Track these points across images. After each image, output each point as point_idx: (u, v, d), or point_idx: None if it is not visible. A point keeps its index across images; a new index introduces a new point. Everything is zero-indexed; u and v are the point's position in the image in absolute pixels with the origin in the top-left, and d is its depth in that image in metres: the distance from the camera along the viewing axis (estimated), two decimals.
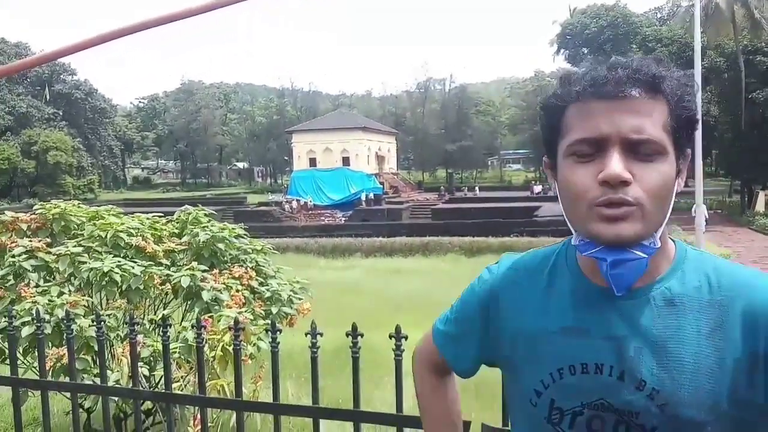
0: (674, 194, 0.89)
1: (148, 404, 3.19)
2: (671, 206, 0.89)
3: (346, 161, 44.76)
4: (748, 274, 0.91)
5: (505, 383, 1.08)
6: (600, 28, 39.74)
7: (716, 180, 42.95)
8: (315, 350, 1.82)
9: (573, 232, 0.92)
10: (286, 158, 61.69)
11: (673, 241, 0.96)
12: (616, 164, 0.82)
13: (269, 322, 3.60)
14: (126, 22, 1.15)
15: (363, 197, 38.25)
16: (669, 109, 0.86)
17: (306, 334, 1.84)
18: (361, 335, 1.78)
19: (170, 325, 2.10)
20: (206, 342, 2.23)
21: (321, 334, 1.84)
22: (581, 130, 0.86)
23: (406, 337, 1.74)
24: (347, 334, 1.77)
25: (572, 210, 0.89)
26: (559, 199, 0.94)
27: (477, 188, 45.78)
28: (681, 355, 0.86)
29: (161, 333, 2.07)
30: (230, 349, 2.84)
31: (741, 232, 23.01)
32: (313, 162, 45.70)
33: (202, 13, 1.14)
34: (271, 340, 1.92)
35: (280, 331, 1.93)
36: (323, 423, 1.93)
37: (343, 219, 32.86)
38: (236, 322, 1.98)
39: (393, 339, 1.72)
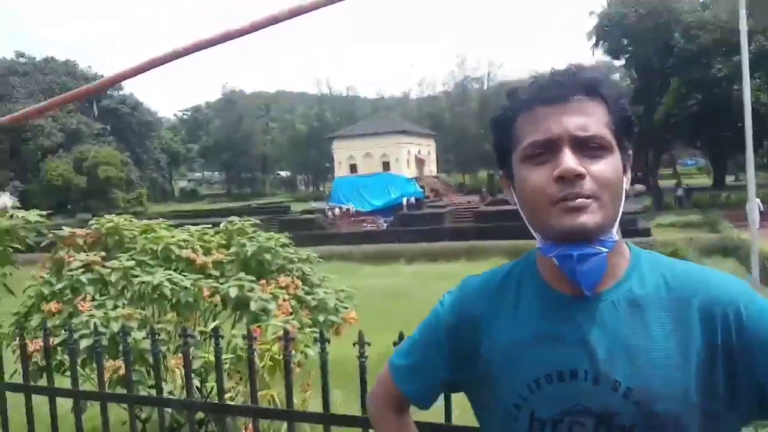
0: (624, 191, 0.94)
1: (200, 414, 3.26)
2: (622, 204, 0.94)
3: (386, 166, 44.87)
4: (700, 270, 0.97)
5: (474, 405, 1.11)
6: (639, 16, 38.35)
7: None
8: (363, 359, 1.83)
9: (535, 235, 0.97)
10: (327, 165, 62.24)
11: (627, 244, 1.00)
12: (569, 160, 0.89)
13: (316, 330, 3.66)
14: (179, 44, 1.19)
15: (404, 202, 38.23)
16: (608, 110, 0.93)
17: (354, 344, 1.85)
18: None
19: (222, 336, 2.14)
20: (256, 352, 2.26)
21: (369, 344, 1.85)
22: (533, 134, 0.93)
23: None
24: (394, 344, 1.77)
25: (533, 211, 0.94)
26: (519, 207, 0.99)
27: None
28: (650, 353, 0.90)
29: (214, 344, 2.11)
30: (279, 358, 2.89)
31: None
32: (353, 168, 45.97)
33: (267, 27, 1.16)
34: (320, 350, 1.94)
35: (329, 340, 1.95)
36: None
37: (385, 224, 32.91)
38: (286, 332, 2.01)
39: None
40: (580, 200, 0.88)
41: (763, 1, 25.54)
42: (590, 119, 0.91)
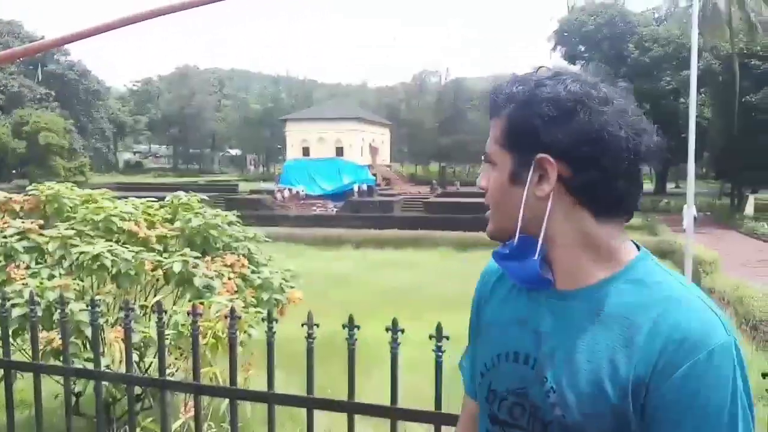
0: (519, 199, 0.95)
1: (137, 389, 3.18)
2: (518, 211, 0.95)
3: (339, 151, 44.65)
4: (684, 301, 0.88)
5: None
6: (597, 25, 39.62)
7: (706, 182, 43.21)
8: (311, 341, 1.82)
9: None
10: (279, 146, 61.57)
11: (638, 247, 0.97)
12: (480, 175, 1.02)
13: (260, 309, 3.62)
14: (133, 10, 1.14)
15: (355, 188, 38.16)
16: (504, 124, 0.97)
17: (302, 325, 1.83)
18: (358, 327, 1.78)
19: (165, 312, 2.09)
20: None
21: (317, 325, 1.83)
22: None
23: (402, 330, 1.73)
24: (343, 326, 1.76)
25: None
26: None
27: (458, 184, 46.04)
28: (583, 363, 0.89)
29: (156, 319, 2.06)
30: (222, 336, 2.84)
31: (729, 235, 23.12)
32: (306, 151, 45.54)
33: (208, 4, 1.13)
34: (267, 329, 1.91)
35: (277, 320, 1.92)
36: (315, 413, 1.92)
37: (335, 209, 32.80)
38: (232, 311, 1.98)
39: (389, 332, 1.72)
40: (488, 211, 1.01)
41: (714, 20, 26.48)
42: (490, 136, 0.99)
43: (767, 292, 9.73)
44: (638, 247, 0.98)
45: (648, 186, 47.36)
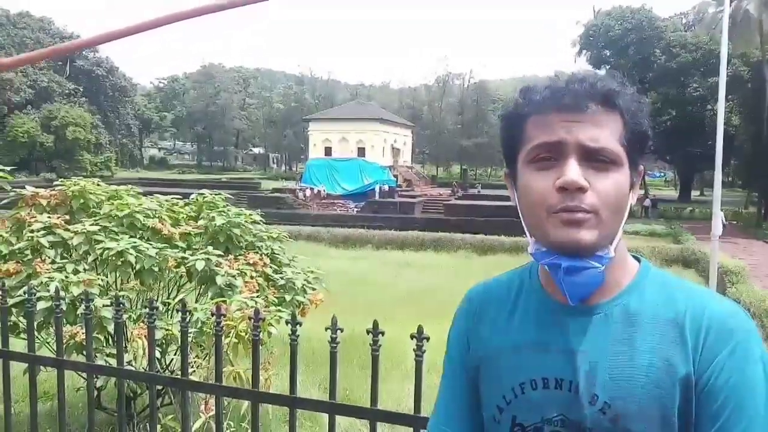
0: (628, 207, 0.91)
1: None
2: (624, 220, 0.91)
3: (361, 152, 44.76)
4: (703, 293, 0.93)
5: None
6: (624, 30, 39.26)
7: (733, 191, 42.54)
8: (335, 345, 1.79)
9: (529, 239, 0.94)
10: (301, 146, 61.98)
11: (637, 259, 0.98)
12: (572, 171, 0.85)
13: (282, 309, 3.62)
14: (159, 12, 1.13)
15: (376, 189, 38.22)
16: (623, 123, 0.89)
17: (326, 329, 1.81)
18: (382, 333, 1.74)
19: (189, 311, 2.08)
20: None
21: (341, 330, 1.81)
22: (542, 136, 0.89)
23: (428, 338, 1.70)
24: (368, 332, 1.74)
25: (531, 216, 0.91)
26: (518, 208, 0.96)
27: (479, 186, 46.07)
28: (634, 370, 0.87)
29: (180, 319, 2.05)
30: (245, 336, 2.84)
31: (755, 245, 22.70)
32: (328, 151, 45.74)
33: (236, 7, 1.11)
34: (290, 332, 1.89)
35: (300, 324, 1.90)
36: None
37: (356, 210, 32.89)
38: (257, 312, 1.96)
39: (414, 339, 1.68)
40: (580, 214, 0.85)
41: (744, 26, 26.07)
42: (603, 131, 0.87)
43: None
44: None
45: (672, 193, 46.85)
